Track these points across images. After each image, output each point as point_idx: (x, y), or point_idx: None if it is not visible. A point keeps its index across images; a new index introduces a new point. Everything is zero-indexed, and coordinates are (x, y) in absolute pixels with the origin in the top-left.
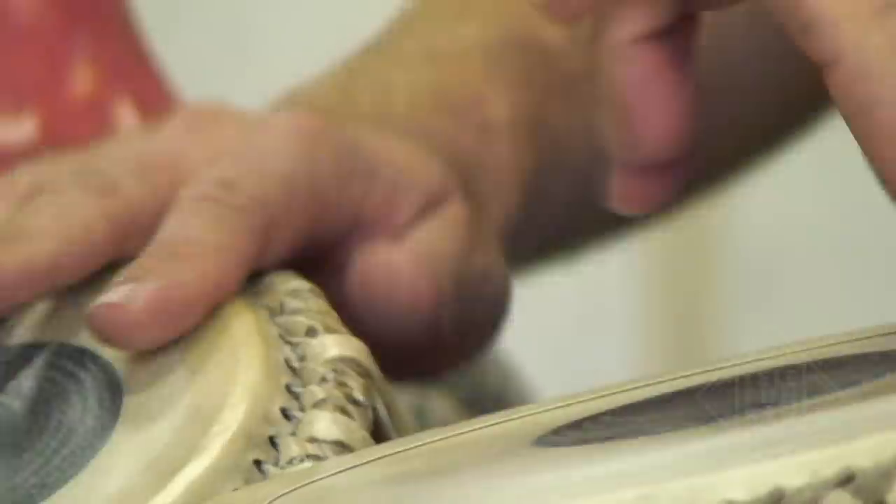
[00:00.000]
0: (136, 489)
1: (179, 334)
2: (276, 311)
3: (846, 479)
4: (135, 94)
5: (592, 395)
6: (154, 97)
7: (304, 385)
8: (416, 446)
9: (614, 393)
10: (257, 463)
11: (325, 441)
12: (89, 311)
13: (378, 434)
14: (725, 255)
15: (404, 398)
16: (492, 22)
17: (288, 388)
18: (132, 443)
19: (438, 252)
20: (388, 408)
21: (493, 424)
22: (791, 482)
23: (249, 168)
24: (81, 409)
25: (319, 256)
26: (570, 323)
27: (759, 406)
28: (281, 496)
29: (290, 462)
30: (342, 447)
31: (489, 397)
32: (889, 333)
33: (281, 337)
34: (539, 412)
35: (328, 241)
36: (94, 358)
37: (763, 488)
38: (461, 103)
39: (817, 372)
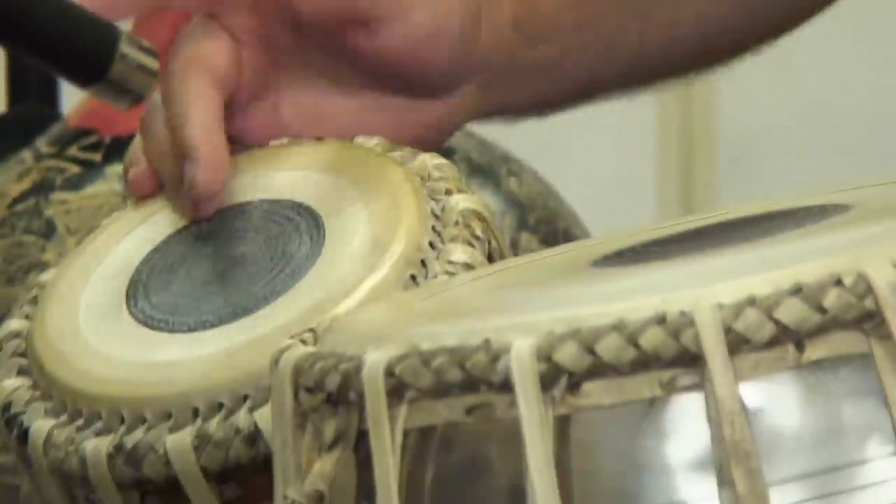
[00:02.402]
0: (336, 293)
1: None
2: (426, 178)
3: (797, 290)
4: None
5: (631, 233)
6: None
7: (444, 227)
8: (513, 266)
9: (647, 231)
10: (413, 277)
11: (457, 262)
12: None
13: (491, 258)
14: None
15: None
16: None
17: (433, 229)
18: (332, 264)
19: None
20: (497, 241)
21: (563, 253)
22: (760, 291)
23: None
24: (298, 242)
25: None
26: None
27: (744, 240)
28: (424, 299)
29: (435, 277)
30: (468, 267)
31: (561, 235)
32: (831, 192)
33: (428, 195)
34: (594, 244)
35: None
36: (306, 207)
37: (742, 295)
38: None
39: (779, 218)
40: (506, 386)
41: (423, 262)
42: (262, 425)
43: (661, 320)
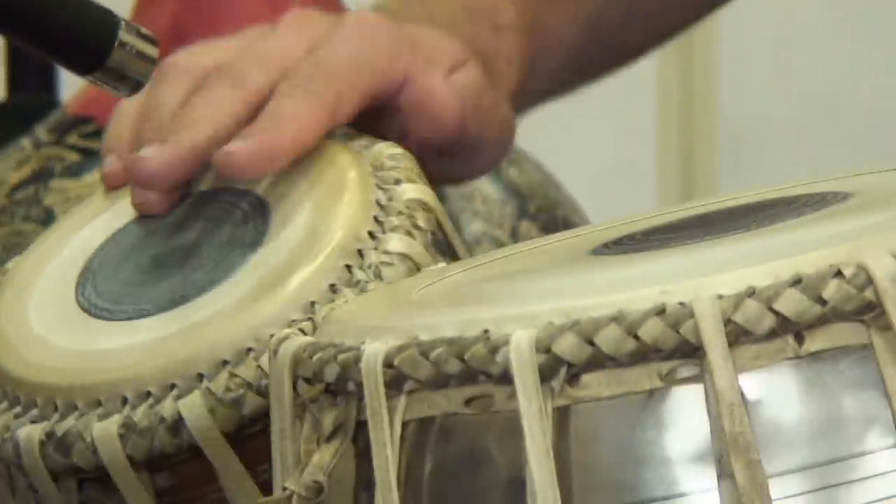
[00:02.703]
0: (268, 282)
1: (270, 172)
2: (378, 167)
3: (796, 281)
4: None
5: (630, 220)
6: None
7: (387, 216)
8: (513, 254)
9: (646, 218)
10: (348, 266)
11: (394, 252)
12: (213, 157)
13: (437, 248)
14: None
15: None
16: None
17: (376, 219)
18: (270, 254)
19: (462, 85)
20: (445, 232)
21: (562, 240)
22: (760, 283)
23: (326, 58)
24: (243, 231)
25: (384, 105)
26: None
27: (744, 229)
28: (423, 288)
29: (370, 266)
30: (405, 257)
31: (560, 223)
32: (831, 179)
33: (377, 185)
34: (593, 232)
35: (389, 94)
36: (255, 196)
37: (742, 285)
38: (482, 12)
39: (779, 206)
40: (505, 377)
41: (360, 252)
42: (186, 413)
43: (660, 311)
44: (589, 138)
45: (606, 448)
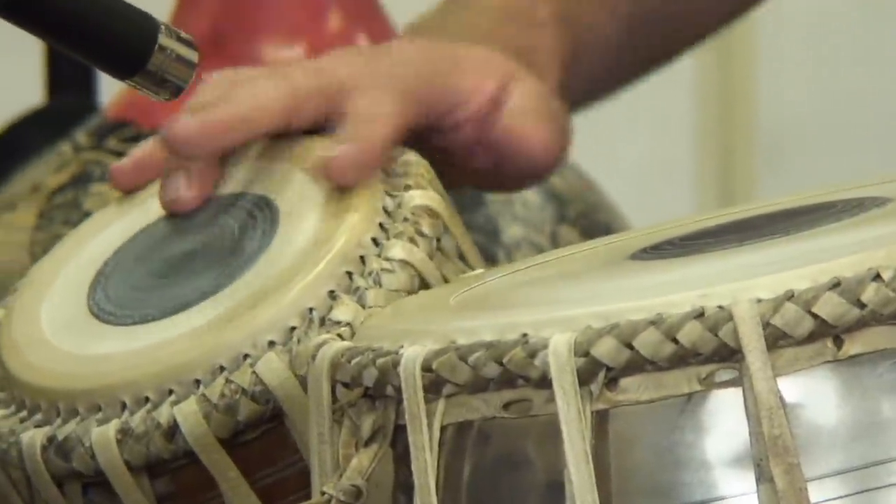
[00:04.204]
0: (268, 289)
1: (367, 177)
2: (390, 174)
3: (835, 285)
4: (369, 30)
5: (668, 225)
6: (381, 33)
7: (393, 223)
8: (552, 258)
9: (685, 223)
10: (349, 273)
11: (394, 259)
12: (323, 163)
13: (443, 254)
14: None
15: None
16: None
17: (381, 225)
18: (274, 260)
19: (524, 106)
20: (455, 237)
21: (601, 245)
22: (799, 286)
23: (387, 83)
24: (251, 236)
25: (432, 125)
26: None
27: (782, 234)
28: (461, 293)
29: (370, 273)
30: (406, 264)
31: (600, 227)
32: (868, 185)
33: (386, 191)
34: (632, 237)
35: (438, 113)
36: (268, 202)
37: (781, 289)
38: (520, 13)
39: (817, 211)
40: (544, 381)
41: (362, 259)
42: (181, 419)
43: (699, 315)
44: (628, 141)
45: (645, 452)
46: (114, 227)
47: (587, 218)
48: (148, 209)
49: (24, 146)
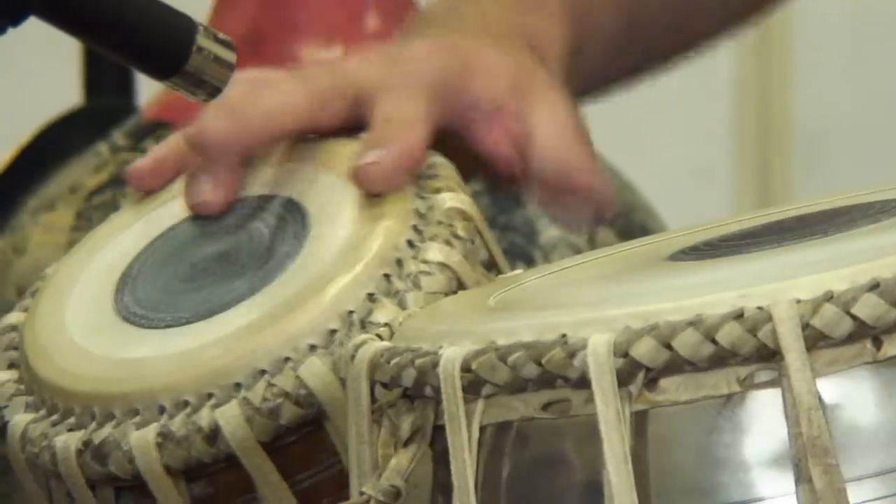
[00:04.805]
0: (306, 292)
1: (407, 181)
2: (419, 176)
3: (874, 286)
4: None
5: (706, 226)
6: None
7: (427, 225)
8: (590, 259)
9: (723, 225)
10: (386, 276)
11: (432, 262)
12: (355, 169)
13: (476, 257)
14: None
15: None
16: None
17: (415, 228)
18: (308, 263)
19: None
20: (485, 240)
21: (638, 246)
22: (838, 287)
23: (414, 83)
24: (283, 239)
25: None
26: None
27: (821, 235)
28: (499, 294)
29: (408, 276)
30: (444, 267)
31: (637, 228)
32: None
33: (417, 194)
34: (670, 238)
35: (454, 114)
36: (297, 204)
37: (820, 290)
38: (531, 1)
39: (855, 212)
40: (583, 381)
41: (398, 262)
42: (223, 423)
43: (738, 316)
44: (666, 143)
45: (684, 452)
46: (134, 228)
47: (624, 218)
48: (170, 210)
49: (63, 147)
